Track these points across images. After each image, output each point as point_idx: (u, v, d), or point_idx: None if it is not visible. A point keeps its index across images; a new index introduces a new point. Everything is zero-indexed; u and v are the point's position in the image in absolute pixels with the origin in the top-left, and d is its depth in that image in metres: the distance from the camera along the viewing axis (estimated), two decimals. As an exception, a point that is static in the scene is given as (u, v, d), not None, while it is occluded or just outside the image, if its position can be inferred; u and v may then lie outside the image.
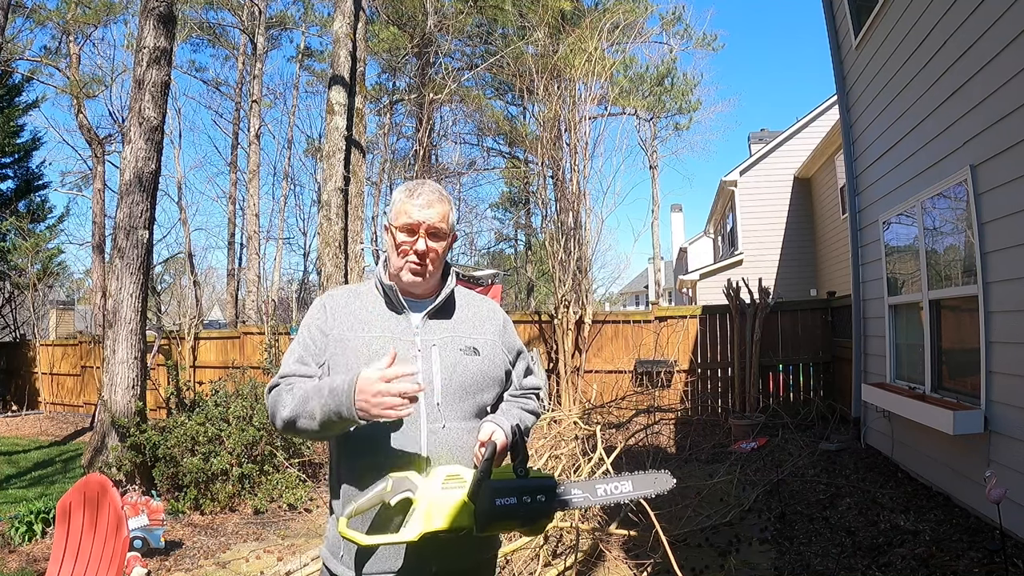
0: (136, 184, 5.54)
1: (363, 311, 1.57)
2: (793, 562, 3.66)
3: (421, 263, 1.54)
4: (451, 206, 1.61)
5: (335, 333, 1.54)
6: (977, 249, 4.00)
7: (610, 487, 1.49)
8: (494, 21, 16.33)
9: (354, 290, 1.65)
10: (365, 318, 1.56)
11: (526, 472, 1.38)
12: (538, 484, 1.37)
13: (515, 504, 1.33)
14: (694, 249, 24.76)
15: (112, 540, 2.67)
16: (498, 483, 1.34)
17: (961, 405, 4.19)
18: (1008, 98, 3.64)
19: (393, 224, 1.57)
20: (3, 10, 6.40)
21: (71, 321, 18.21)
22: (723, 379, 8.59)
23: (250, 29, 19.01)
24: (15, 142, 16.73)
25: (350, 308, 1.58)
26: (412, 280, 1.55)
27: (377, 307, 1.58)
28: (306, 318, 1.61)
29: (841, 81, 6.78)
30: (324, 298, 1.62)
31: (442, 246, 1.57)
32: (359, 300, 1.60)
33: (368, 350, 1.49)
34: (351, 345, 1.51)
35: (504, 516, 1.33)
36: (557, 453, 5.21)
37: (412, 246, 1.53)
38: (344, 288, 1.67)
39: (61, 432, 10.17)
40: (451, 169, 19.02)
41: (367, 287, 1.65)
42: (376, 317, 1.56)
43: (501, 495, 1.33)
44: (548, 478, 1.41)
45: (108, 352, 5.46)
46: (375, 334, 1.53)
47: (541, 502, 1.36)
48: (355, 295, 1.62)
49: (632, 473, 1.54)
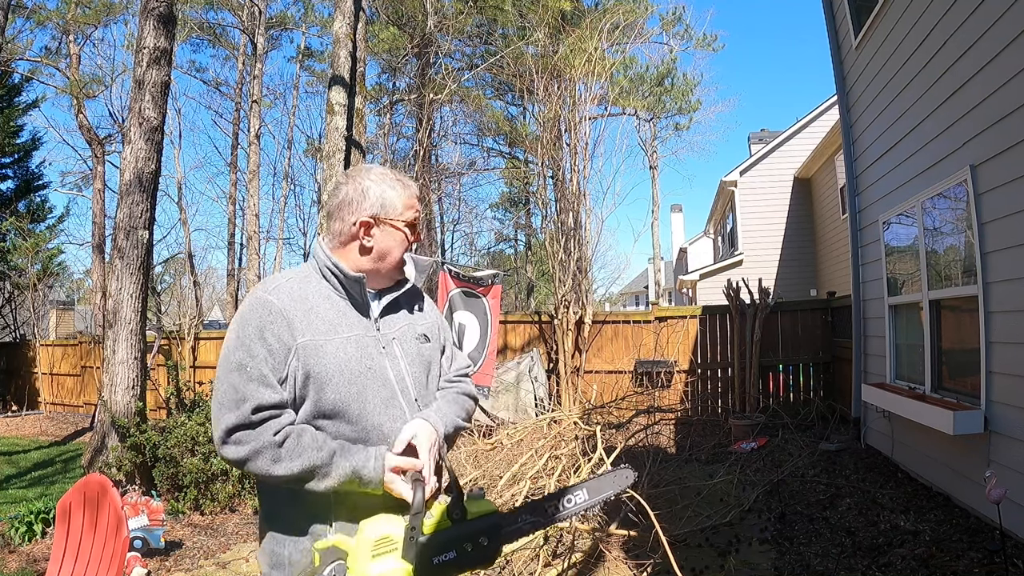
0: (136, 184, 5.54)
1: (322, 308, 1.39)
2: (793, 562, 3.66)
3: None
4: None
5: (304, 341, 1.32)
6: (977, 249, 4.00)
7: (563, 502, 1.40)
8: (494, 21, 16.32)
9: (301, 280, 1.42)
10: (328, 317, 1.38)
11: (463, 513, 1.23)
12: (478, 527, 1.24)
13: (455, 557, 1.21)
14: (694, 249, 24.77)
15: (112, 540, 2.67)
16: (433, 538, 1.21)
17: (961, 405, 4.18)
18: (1008, 98, 3.64)
19: (399, 218, 1.46)
20: (3, 10, 6.40)
21: (71, 321, 18.22)
22: (723, 379, 8.59)
23: (250, 29, 19.00)
24: (15, 142, 16.72)
25: (308, 305, 1.37)
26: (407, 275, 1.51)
27: (334, 302, 1.42)
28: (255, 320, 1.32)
29: (841, 81, 6.78)
30: (272, 295, 1.36)
31: None
32: (312, 295, 1.40)
33: (345, 355, 1.36)
34: (327, 351, 1.34)
35: (446, 572, 1.21)
36: (557, 453, 5.21)
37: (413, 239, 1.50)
38: (290, 279, 1.42)
39: (61, 432, 10.17)
40: (451, 169, 19.03)
41: (309, 275, 1.44)
42: (339, 316, 1.40)
43: (439, 551, 1.20)
44: (488, 514, 1.27)
45: (108, 352, 5.46)
46: (344, 335, 1.38)
47: (484, 546, 1.24)
48: (305, 287, 1.41)
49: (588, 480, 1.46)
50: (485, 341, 7.46)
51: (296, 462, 1.26)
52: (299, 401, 1.34)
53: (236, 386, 1.28)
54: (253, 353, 1.30)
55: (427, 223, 15.30)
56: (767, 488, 5.03)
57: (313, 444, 1.28)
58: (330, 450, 1.28)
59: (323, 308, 1.39)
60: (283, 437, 1.27)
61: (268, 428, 1.27)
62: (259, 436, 1.26)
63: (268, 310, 1.33)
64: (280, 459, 1.26)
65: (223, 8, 19.45)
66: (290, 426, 1.30)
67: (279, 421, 1.29)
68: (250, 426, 1.26)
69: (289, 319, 1.33)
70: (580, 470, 4.79)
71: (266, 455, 1.26)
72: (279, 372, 1.30)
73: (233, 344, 1.32)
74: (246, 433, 1.26)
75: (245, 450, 1.26)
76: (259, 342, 1.30)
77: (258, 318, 1.32)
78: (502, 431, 6.53)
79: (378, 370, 1.41)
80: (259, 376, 1.28)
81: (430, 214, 16.13)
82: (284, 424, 1.29)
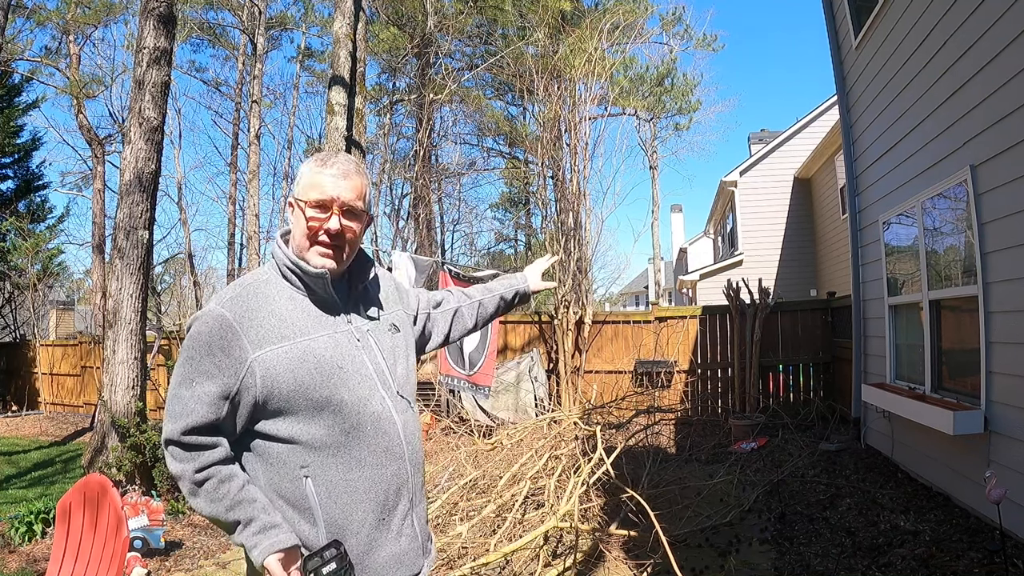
0: (136, 184, 5.54)
1: (283, 311, 1.32)
2: (793, 562, 3.66)
3: (335, 244, 1.34)
4: (368, 181, 1.42)
5: (260, 355, 1.26)
6: (977, 249, 4.00)
7: None
8: (494, 21, 16.33)
9: (255, 286, 1.35)
10: (290, 319, 1.32)
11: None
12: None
13: None
14: (694, 249, 24.77)
15: (112, 540, 2.67)
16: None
17: (961, 405, 4.18)
18: (1008, 98, 3.64)
19: (300, 199, 1.34)
20: (3, 10, 6.40)
21: (71, 321, 18.21)
22: (723, 379, 8.59)
23: (250, 29, 19.00)
24: (15, 142, 16.72)
25: (265, 312, 1.30)
26: (323, 264, 1.34)
27: (296, 301, 1.35)
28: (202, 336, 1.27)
29: (841, 81, 6.78)
30: (221, 308, 1.29)
31: (359, 226, 1.38)
32: (270, 299, 1.33)
33: (315, 357, 1.31)
34: (291, 356, 1.28)
35: None
36: (557, 454, 5.20)
37: (323, 224, 1.33)
38: (240, 287, 1.35)
39: (61, 432, 10.17)
40: (451, 169, 19.04)
41: (267, 277, 1.37)
42: (302, 315, 1.34)
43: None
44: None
45: (108, 352, 5.46)
46: (312, 335, 1.32)
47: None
48: (260, 292, 1.34)
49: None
50: (485, 341, 7.46)
51: (208, 507, 1.27)
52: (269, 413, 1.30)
53: (180, 397, 1.27)
54: (201, 369, 1.26)
55: (427, 223, 15.29)
56: (767, 488, 5.03)
57: (227, 497, 1.26)
58: (235, 519, 1.27)
59: (285, 311, 1.33)
60: (204, 477, 1.26)
61: (193, 459, 1.26)
62: (186, 462, 1.26)
63: (219, 324, 1.27)
64: (196, 495, 1.27)
65: (223, 8, 19.45)
66: (216, 467, 1.27)
67: (206, 457, 1.27)
68: (181, 446, 1.26)
69: (240, 331, 1.27)
70: (580, 470, 4.78)
71: (186, 484, 1.27)
72: (228, 388, 1.26)
73: (182, 358, 1.30)
74: (178, 451, 1.27)
75: (176, 468, 1.27)
76: (208, 358, 1.26)
77: (208, 332, 1.27)
78: (502, 431, 6.53)
79: (354, 367, 1.36)
80: (201, 394, 1.26)
81: (430, 214, 16.13)
82: (212, 461, 1.27)
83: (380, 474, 1.36)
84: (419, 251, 14.33)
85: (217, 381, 1.26)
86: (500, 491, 4.42)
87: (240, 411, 1.29)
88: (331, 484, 1.31)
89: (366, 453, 1.34)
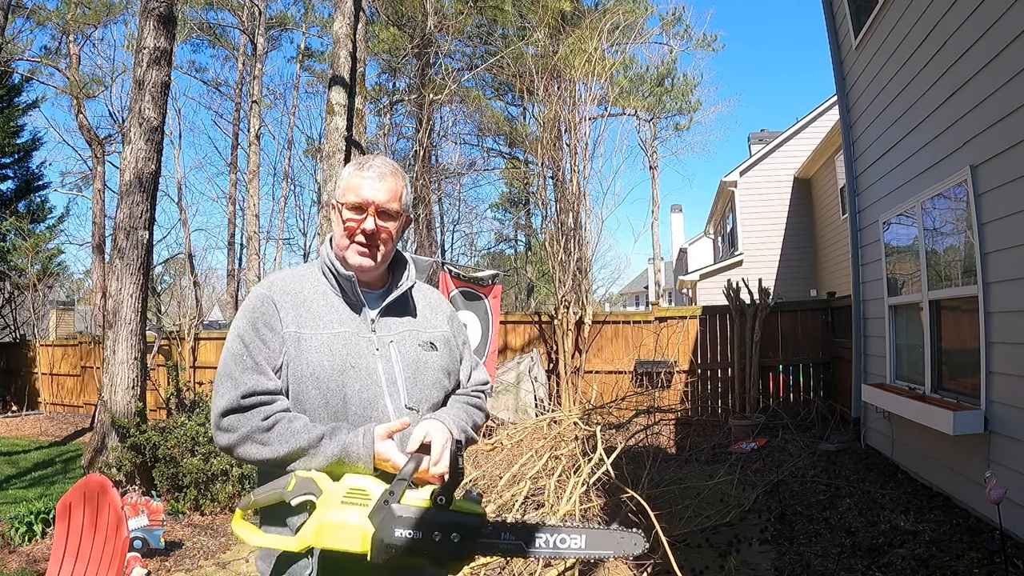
0: (136, 184, 5.54)
1: (314, 303, 1.40)
2: (793, 562, 3.66)
3: (370, 244, 1.40)
4: (405, 183, 1.47)
5: (288, 331, 1.35)
6: (977, 249, 4.00)
7: (555, 539, 1.21)
8: (494, 22, 16.33)
9: (298, 277, 1.45)
10: (318, 312, 1.40)
11: (448, 500, 1.13)
12: (455, 520, 1.13)
13: (419, 538, 1.11)
14: (694, 249, 24.78)
15: (112, 540, 2.67)
16: (405, 509, 1.12)
17: (961, 405, 4.19)
18: (1008, 98, 3.64)
19: (339, 201, 1.42)
20: (3, 10, 6.40)
21: (71, 321, 18.21)
22: (723, 380, 8.59)
23: (250, 29, 19.00)
24: (15, 142, 16.73)
25: (300, 299, 1.40)
26: (359, 263, 1.41)
27: (329, 298, 1.42)
28: (248, 312, 1.37)
29: (841, 81, 6.79)
30: (265, 289, 1.41)
31: (394, 226, 1.43)
32: (306, 290, 1.42)
33: (330, 349, 1.36)
34: (311, 344, 1.35)
35: (405, 549, 1.11)
36: (557, 454, 5.20)
37: (360, 224, 1.40)
38: (285, 274, 1.47)
39: (61, 432, 10.17)
40: (451, 169, 19.04)
41: (310, 271, 1.47)
42: (329, 310, 1.41)
43: (403, 525, 1.11)
44: (474, 514, 1.15)
45: (108, 352, 5.46)
46: (333, 330, 1.38)
47: (454, 542, 1.12)
48: (300, 281, 1.43)
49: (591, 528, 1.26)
50: (486, 341, 7.46)
51: (284, 446, 1.27)
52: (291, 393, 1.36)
53: (231, 374, 1.32)
54: (247, 342, 1.34)
55: (427, 223, 15.29)
56: (767, 488, 5.03)
57: (304, 429, 1.28)
58: (319, 433, 1.28)
59: (315, 303, 1.40)
60: (272, 422, 1.28)
61: (257, 413, 1.29)
62: (248, 421, 1.28)
63: (261, 301, 1.38)
64: (268, 442, 1.28)
65: (223, 8, 19.45)
66: (282, 412, 1.31)
67: (270, 408, 1.31)
68: (240, 410, 1.29)
69: (279, 309, 1.37)
70: (580, 470, 4.78)
71: (254, 439, 1.28)
72: (273, 360, 1.34)
73: (231, 337, 1.38)
74: (236, 418, 1.29)
75: (235, 436, 1.28)
76: (252, 332, 1.35)
77: (251, 310, 1.37)
78: (502, 431, 6.52)
79: (365, 369, 1.38)
80: (252, 365, 1.32)
81: (430, 214, 16.13)
82: (275, 411, 1.30)
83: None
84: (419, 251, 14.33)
85: (263, 352, 1.34)
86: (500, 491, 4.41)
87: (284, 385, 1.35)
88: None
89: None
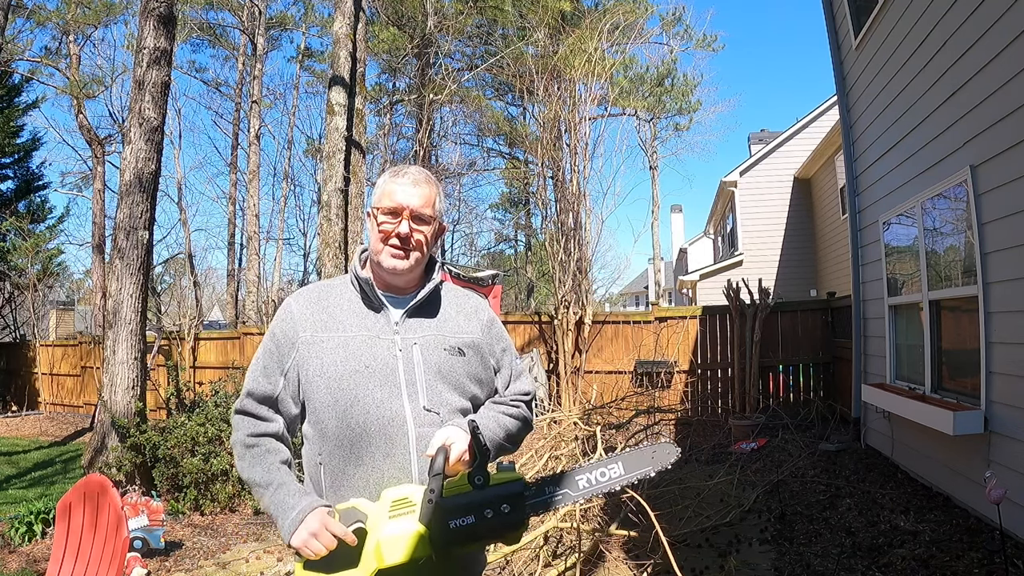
0: (136, 184, 5.54)
1: (337, 308, 1.47)
2: (793, 562, 3.66)
3: (403, 247, 1.44)
4: (438, 191, 1.52)
5: (305, 336, 1.43)
6: (977, 249, 4.00)
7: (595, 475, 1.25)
8: (494, 22, 16.33)
9: (326, 286, 1.54)
10: (339, 316, 1.46)
11: (485, 479, 1.17)
12: (499, 493, 1.17)
13: (473, 522, 1.14)
14: (694, 249, 24.78)
15: (112, 540, 2.67)
16: (451, 500, 1.15)
17: (961, 405, 4.18)
18: (1008, 98, 3.64)
19: (375, 206, 1.49)
20: (3, 10, 6.40)
21: (71, 321, 18.22)
22: (723, 380, 8.59)
23: (250, 29, 19.01)
24: (15, 142, 16.72)
25: (322, 306, 1.47)
26: (393, 265, 1.45)
27: (352, 304, 1.48)
28: (274, 321, 1.50)
29: (841, 81, 6.79)
30: (292, 299, 1.52)
31: (427, 231, 1.47)
32: (332, 297, 1.49)
33: (345, 350, 1.41)
34: (326, 347, 1.41)
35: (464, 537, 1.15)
36: (557, 454, 5.21)
37: (395, 228, 1.44)
38: (314, 285, 1.56)
39: (61, 432, 10.17)
40: (451, 170, 19.02)
41: (341, 282, 1.54)
42: (351, 314, 1.46)
43: (455, 515, 1.14)
44: (512, 481, 1.19)
45: (108, 352, 5.46)
46: (351, 333, 1.43)
47: (505, 513, 1.16)
48: (327, 292, 1.51)
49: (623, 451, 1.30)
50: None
51: (248, 471, 1.40)
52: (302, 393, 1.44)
53: (250, 371, 1.48)
54: (265, 347, 1.48)
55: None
56: (767, 488, 5.03)
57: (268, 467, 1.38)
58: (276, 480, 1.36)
59: (338, 309, 1.48)
60: (253, 443, 1.41)
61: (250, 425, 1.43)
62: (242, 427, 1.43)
63: (284, 310, 1.50)
64: (243, 458, 1.42)
65: (223, 8, 19.47)
66: (268, 437, 1.42)
67: (263, 426, 1.43)
68: (242, 412, 1.44)
69: (297, 317, 1.46)
70: (580, 470, 4.78)
71: (236, 449, 1.43)
72: (283, 364, 1.45)
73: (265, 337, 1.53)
74: (239, 419, 1.45)
75: (233, 436, 1.45)
76: (270, 339, 1.48)
77: (275, 319, 1.50)
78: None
79: (383, 370, 1.39)
80: (263, 369, 1.46)
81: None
82: (264, 431, 1.42)
83: (377, 477, 1.36)
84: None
85: (275, 357, 1.45)
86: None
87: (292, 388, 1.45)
88: (335, 475, 1.40)
89: (366, 453, 1.37)
